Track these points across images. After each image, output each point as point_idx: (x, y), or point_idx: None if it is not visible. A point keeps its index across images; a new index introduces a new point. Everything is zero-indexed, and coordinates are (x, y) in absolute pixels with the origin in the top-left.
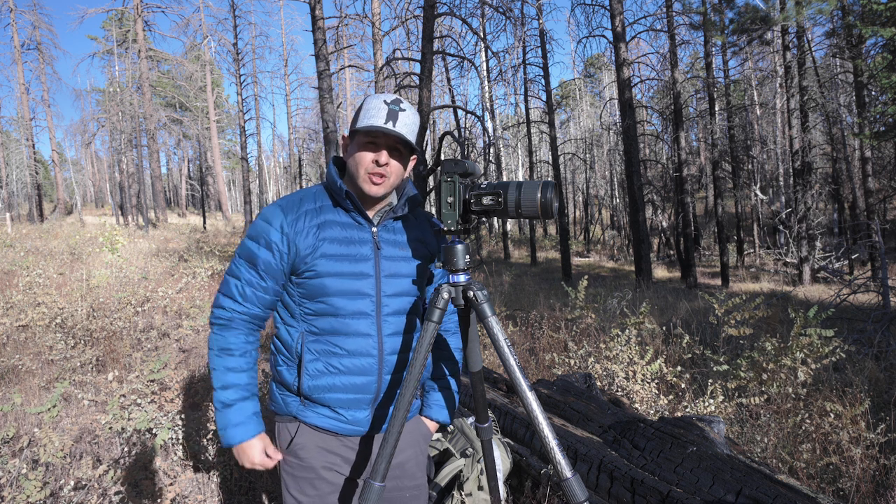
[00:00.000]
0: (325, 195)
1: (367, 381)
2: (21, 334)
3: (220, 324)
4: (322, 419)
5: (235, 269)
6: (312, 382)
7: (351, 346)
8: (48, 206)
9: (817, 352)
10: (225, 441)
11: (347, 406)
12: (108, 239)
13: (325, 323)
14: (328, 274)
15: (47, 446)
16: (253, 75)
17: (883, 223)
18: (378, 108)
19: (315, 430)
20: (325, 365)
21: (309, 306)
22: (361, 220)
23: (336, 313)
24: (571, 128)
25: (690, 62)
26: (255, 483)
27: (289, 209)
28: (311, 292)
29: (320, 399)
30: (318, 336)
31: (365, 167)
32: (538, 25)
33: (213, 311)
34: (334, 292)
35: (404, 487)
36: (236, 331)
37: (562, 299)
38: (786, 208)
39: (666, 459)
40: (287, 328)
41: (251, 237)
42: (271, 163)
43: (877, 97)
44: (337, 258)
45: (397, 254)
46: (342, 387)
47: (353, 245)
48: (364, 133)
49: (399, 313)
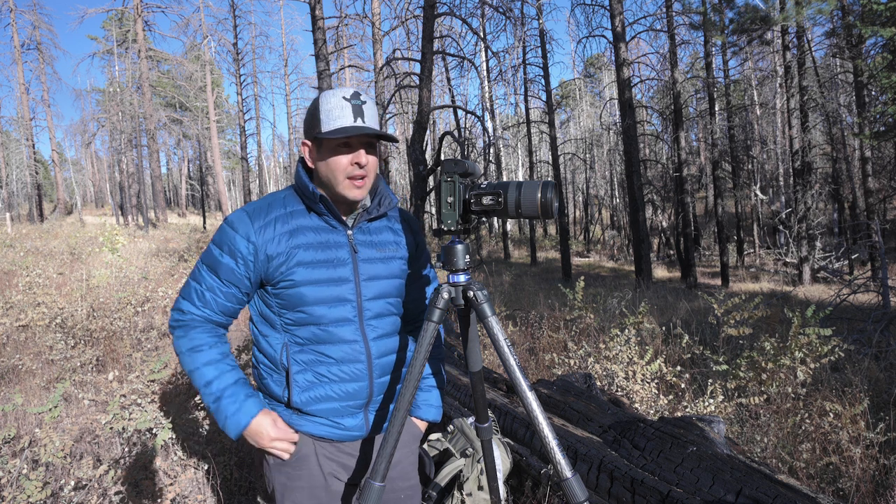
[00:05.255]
0: (295, 199)
1: (359, 386)
2: (21, 334)
3: (180, 325)
4: (317, 427)
5: (198, 273)
6: (304, 395)
7: (338, 354)
8: (48, 206)
9: (816, 351)
10: (232, 432)
11: (340, 414)
12: (108, 239)
13: (307, 332)
14: (305, 282)
15: (48, 446)
16: (253, 75)
17: (883, 223)
18: (341, 106)
19: (311, 438)
20: (314, 375)
21: (289, 316)
22: (335, 224)
23: (318, 322)
24: (571, 128)
25: (690, 62)
26: (254, 483)
27: (256, 216)
28: (290, 302)
29: (312, 411)
30: (302, 346)
31: (344, 172)
32: (538, 25)
33: (171, 314)
34: (314, 301)
35: (398, 489)
36: (198, 329)
37: (561, 299)
38: (786, 208)
39: (666, 459)
40: (267, 340)
41: (216, 243)
42: (271, 163)
43: (877, 97)
44: (313, 265)
45: (375, 255)
46: (335, 395)
47: (329, 250)
48: (334, 137)
49: (382, 316)
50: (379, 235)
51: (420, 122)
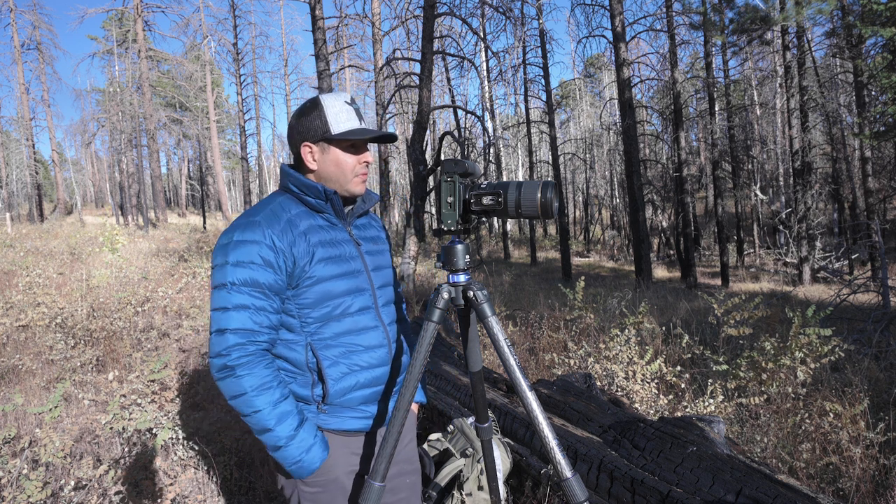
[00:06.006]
0: (292, 202)
1: (384, 370)
2: (21, 334)
3: (243, 363)
4: (346, 421)
5: (237, 298)
6: (338, 386)
7: (367, 342)
8: (48, 206)
9: (816, 351)
10: (306, 471)
11: (369, 400)
12: (108, 239)
13: (335, 326)
14: (330, 277)
15: (48, 446)
16: (253, 75)
17: (883, 223)
18: (346, 110)
19: (337, 436)
20: (347, 366)
21: (312, 315)
22: (336, 221)
23: (345, 313)
24: (571, 128)
25: (690, 62)
26: (255, 483)
27: (268, 223)
28: (316, 299)
29: (344, 401)
30: (328, 340)
31: (352, 171)
32: (538, 25)
33: (224, 353)
34: (340, 293)
35: (404, 472)
36: (263, 361)
37: (561, 299)
38: (786, 208)
39: (666, 459)
40: (288, 345)
41: (239, 263)
42: (271, 163)
43: (877, 97)
44: (333, 260)
45: (373, 248)
46: (366, 382)
47: (339, 245)
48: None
49: (390, 303)
50: (368, 230)
51: (420, 122)
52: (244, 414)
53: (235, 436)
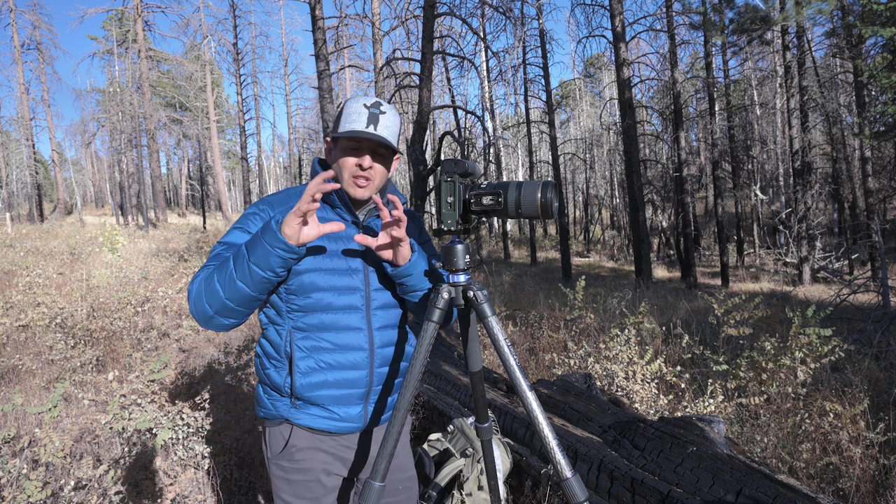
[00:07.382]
0: None
1: (359, 375)
2: (21, 334)
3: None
4: (315, 419)
5: (224, 239)
6: (304, 380)
7: (340, 341)
8: (48, 206)
9: (816, 351)
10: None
11: (339, 402)
12: (108, 239)
13: (313, 319)
14: (318, 269)
15: (48, 446)
16: (253, 75)
17: (883, 223)
18: (359, 112)
19: (309, 432)
20: (315, 361)
21: (296, 302)
22: (347, 216)
23: (325, 308)
24: (571, 128)
25: (690, 62)
26: (255, 483)
27: (277, 204)
28: (300, 288)
29: (312, 398)
30: (306, 332)
31: (349, 171)
32: (538, 25)
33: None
34: (325, 287)
35: (397, 480)
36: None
37: (561, 299)
38: (786, 208)
39: (666, 459)
40: (275, 328)
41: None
42: (271, 163)
43: (877, 97)
44: (327, 254)
45: None
46: (334, 382)
47: (342, 240)
48: (346, 138)
49: (388, 307)
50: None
51: (420, 122)
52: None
53: (235, 436)
